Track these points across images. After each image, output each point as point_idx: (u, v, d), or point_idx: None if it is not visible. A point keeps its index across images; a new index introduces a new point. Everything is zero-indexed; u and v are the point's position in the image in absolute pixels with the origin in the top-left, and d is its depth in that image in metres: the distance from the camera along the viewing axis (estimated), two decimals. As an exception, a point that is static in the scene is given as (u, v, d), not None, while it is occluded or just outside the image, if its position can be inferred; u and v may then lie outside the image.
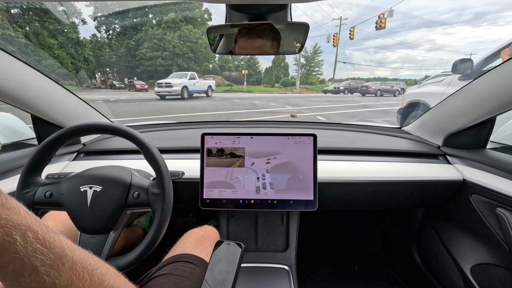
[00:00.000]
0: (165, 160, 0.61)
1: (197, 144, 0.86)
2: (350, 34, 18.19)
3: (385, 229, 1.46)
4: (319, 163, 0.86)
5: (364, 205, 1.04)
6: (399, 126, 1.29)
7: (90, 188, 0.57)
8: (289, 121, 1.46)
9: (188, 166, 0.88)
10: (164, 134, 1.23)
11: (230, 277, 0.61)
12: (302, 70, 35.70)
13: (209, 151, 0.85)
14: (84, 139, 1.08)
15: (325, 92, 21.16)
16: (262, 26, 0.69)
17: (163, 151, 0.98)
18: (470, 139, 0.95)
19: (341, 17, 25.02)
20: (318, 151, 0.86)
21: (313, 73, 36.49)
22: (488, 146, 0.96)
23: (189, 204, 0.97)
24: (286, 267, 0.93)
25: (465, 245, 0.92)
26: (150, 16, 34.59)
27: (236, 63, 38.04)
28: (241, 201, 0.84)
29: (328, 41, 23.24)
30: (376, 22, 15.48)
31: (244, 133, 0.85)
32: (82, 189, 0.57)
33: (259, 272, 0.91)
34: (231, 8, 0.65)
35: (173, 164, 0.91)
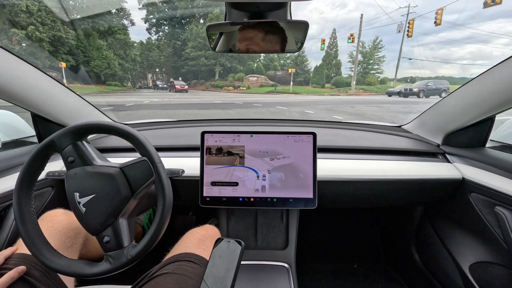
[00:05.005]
0: (165, 158, 0.61)
1: (197, 142, 0.86)
2: (409, 27, 16.02)
3: (384, 227, 1.47)
4: (318, 161, 0.86)
5: (364, 203, 1.05)
6: (399, 125, 1.29)
7: (88, 196, 0.55)
8: (289, 119, 1.46)
9: (188, 164, 0.88)
10: (164, 132, 1.23)
11: (230, 274, 0.61)
12: (359, 68, 28.51)
13: (209, 149, 0.85)
14: None
15: (390, 94, 16.87)
16: (265, 22, 0.68)
17: (163, 149, 0.98)
18: (470, 138, 0.95)
19: (409, 4, 20.47)
20: (318, 150, 0.86)
21: (372, 71, 29.31)
22: (488, 144, 0.96)
23: (189, 202, 0.98)
24: (286, 265, 0.94)
25: (464, 244, 0.93)
26: (197, 15, 32.68)
27: (282, 61, 33.10)
28: (241, 199, 0.85)
29: (399, 31, 19.29)
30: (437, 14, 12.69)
31: (244, 131, 0.85)
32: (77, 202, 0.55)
33: (259, 270, 0.92)
34: (230, 6, 0.65)
35: (173, 162, 0.91)
